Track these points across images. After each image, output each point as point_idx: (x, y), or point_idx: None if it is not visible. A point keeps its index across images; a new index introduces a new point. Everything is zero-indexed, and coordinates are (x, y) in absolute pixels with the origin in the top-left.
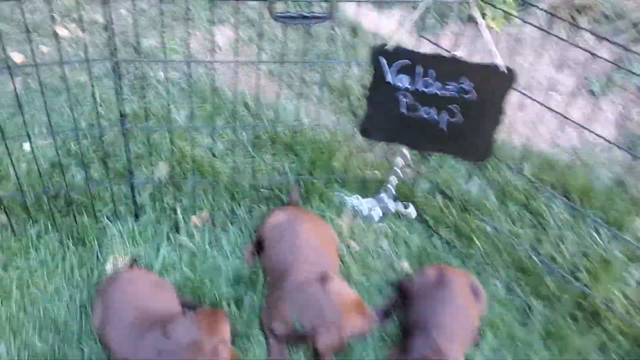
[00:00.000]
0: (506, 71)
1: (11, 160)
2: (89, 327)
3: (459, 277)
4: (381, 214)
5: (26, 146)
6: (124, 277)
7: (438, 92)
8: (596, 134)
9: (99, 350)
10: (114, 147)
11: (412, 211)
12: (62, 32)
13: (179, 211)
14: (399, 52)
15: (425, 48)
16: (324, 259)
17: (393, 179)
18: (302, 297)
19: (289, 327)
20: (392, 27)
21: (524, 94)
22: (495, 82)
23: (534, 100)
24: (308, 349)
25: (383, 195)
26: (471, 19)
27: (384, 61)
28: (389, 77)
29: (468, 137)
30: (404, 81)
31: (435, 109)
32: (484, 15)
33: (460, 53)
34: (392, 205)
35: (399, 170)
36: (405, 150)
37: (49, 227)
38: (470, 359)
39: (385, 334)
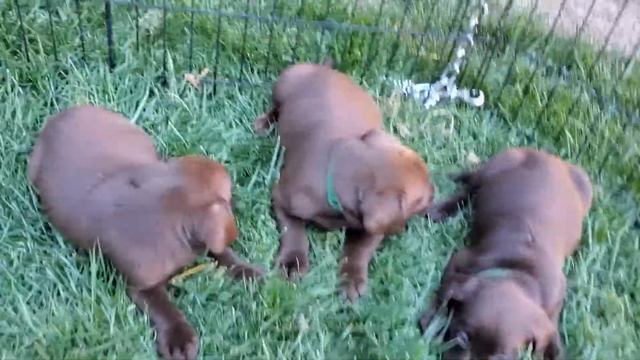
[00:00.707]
0: None
1: None
2: (26, 181)
3: (555, 160)
4: (439, 100)
5: None
6: (79, 115)
7: None
8: None
9: (31, 209)
10: None
11: (480, 100)
12: None
13: (169, 65)
14: None
15: None
16: (362, 123)
17: (457, 58)
18: (338, 157)
19: (314, 203)
20: None
21: None
22: None
23: None
24: (338, 236)
25: (443, 79)
26: None
27: None
28: None
29: None
30: None
31: None
32: None
33: None
34: (455, 92)
35: (470, 39)
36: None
37: None
38: (573, 271)
39: (446, 234)
